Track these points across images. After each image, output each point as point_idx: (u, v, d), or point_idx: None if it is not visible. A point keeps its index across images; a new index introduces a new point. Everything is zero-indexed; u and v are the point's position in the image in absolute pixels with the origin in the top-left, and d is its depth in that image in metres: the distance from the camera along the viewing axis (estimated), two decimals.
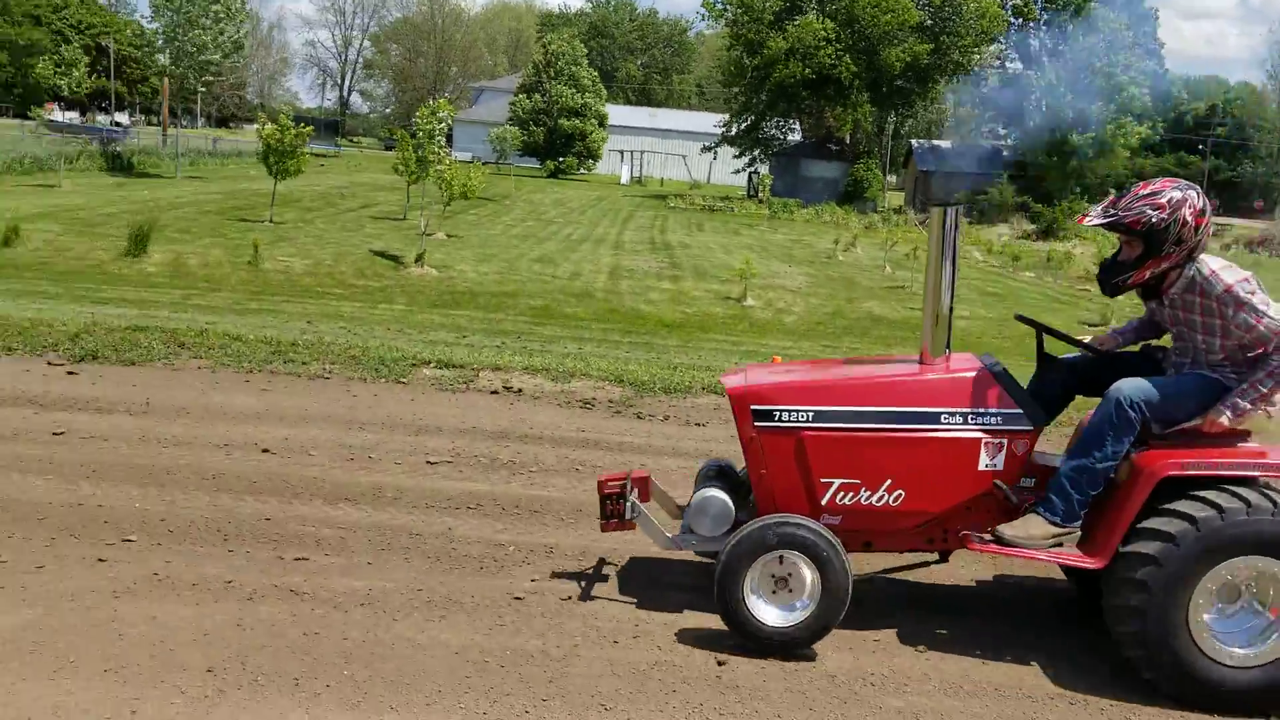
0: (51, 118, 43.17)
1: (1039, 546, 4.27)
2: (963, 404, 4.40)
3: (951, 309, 4.60)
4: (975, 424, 4.38)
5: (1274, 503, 3.97)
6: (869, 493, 4.43)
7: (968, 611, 4.87)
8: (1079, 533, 4.31)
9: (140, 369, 8.15)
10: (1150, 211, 4.19)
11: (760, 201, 46.93)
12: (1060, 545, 4.28)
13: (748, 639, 4.25)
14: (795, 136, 55.63)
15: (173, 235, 22.50)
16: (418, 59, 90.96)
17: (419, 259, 21.92)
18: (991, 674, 4.21)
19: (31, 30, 68.42)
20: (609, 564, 5.12)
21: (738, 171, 56.53)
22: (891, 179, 66.55)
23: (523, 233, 29.72)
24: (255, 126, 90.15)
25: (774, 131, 54.13)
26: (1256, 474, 4.09)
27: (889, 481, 4.42)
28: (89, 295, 15.45)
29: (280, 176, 25.07)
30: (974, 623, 4.71)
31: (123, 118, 70.91)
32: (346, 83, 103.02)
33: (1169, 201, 4.19)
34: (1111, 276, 4.38)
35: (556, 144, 59.65)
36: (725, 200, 47.26)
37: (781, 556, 4.23)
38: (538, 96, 59.67)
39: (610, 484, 4.76)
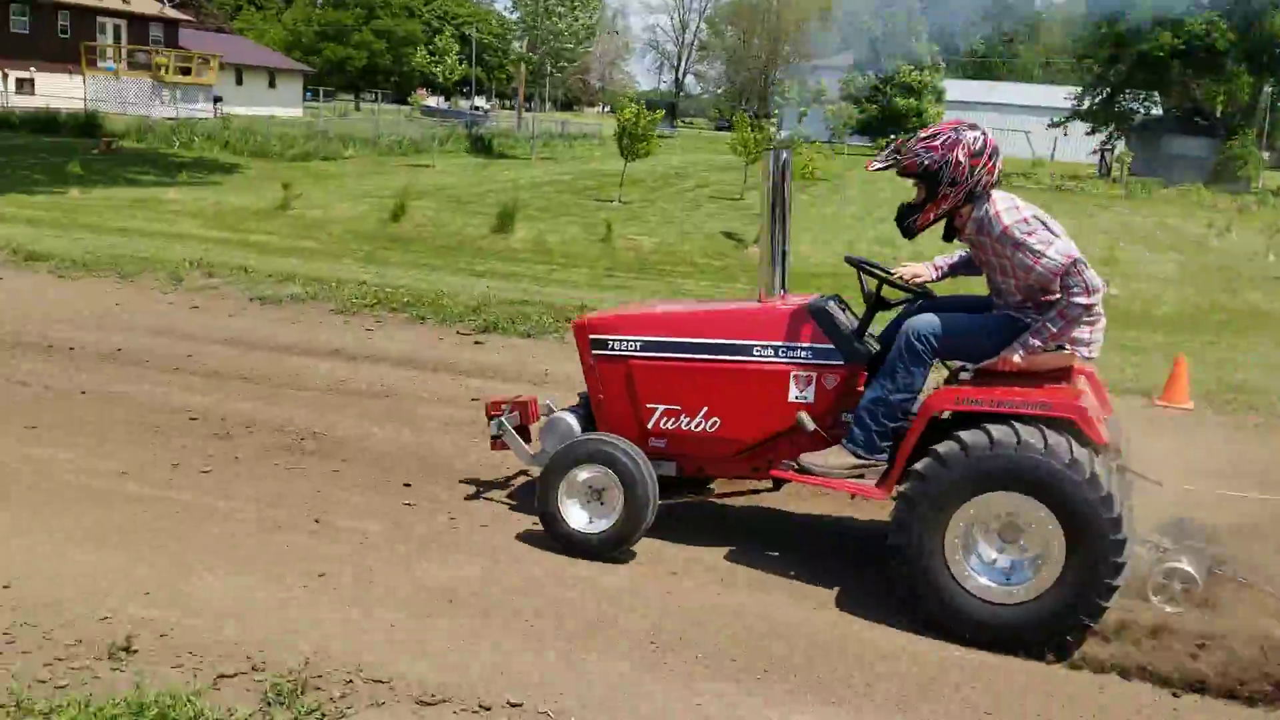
0: (426, 103, 47.20)
1: (837, 476, 4.58)
2: (775, 338, 4.63)
3: (785, 251, 4.81)
4: (785, 357, 4.62)
5: (1025, 439, 3.94)
6: (688, 419, 4.77)
7: None
8: (885, 465, 4.40)
9: (534, 341, 8.74)
10: (924, 154, 4.33)
11: (1115, 181, 43.55)
12: (862, 476, 4.51)
13: (558, 540, 4.72)
14: (1156, 110, 51.15)
15: (533, 213, 23.95)
16: (751, 39, 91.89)
17: (758, 239, 22.11)
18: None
19: (407, 22, 75.42)
20: None
21: (1096, 150, 52.64)
22: (1265, 156, 59.69)
23: (858, 212, 29.25)
24: (596, 109, 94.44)
25: (1133, 105, 50.04)
26: (1028, 412, 4.04)
27: (705, 409, 4.73)
28: (466, 268, 16.74)
29: (630, 158, 26.07)
30: None
31: (480, 102, 76.62)
32: (682, 65, 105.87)
33: (942, 144, 4.32)
34: (904, 219, 4.48)
35: (889, 121, 58.29)
36: (1074, 180, 44.23)
37: (596, 470, 4.64)
38: (871, 74, 58.51)
39: (495, 406, 5.24)
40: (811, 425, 4.48)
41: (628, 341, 4.86)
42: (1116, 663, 3.92)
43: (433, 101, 56.34)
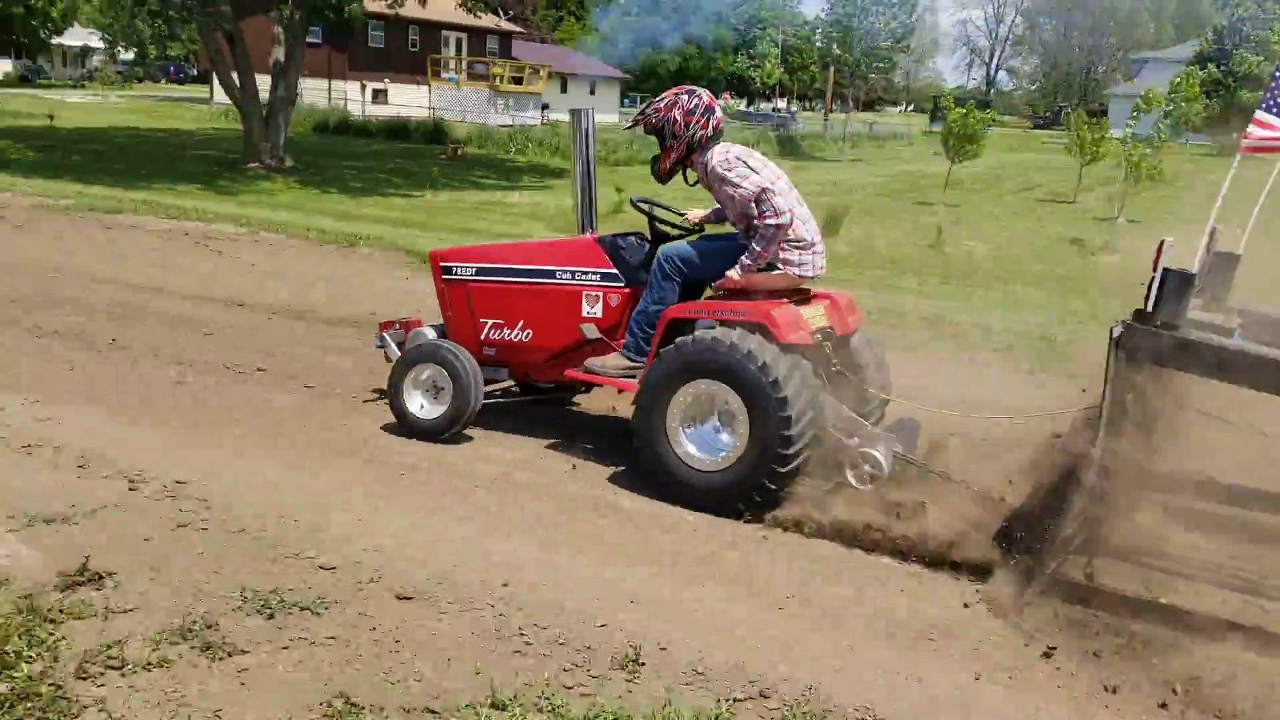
0: (741, 108, 47.82)
1: (610, 374, 5.47)
2: (572, 264, 5.77)
3: (592, 196, 5.93)
4: (579, 280, 5.76)
5: (719, 338, 4.92)
6: (509, 331, 5.96)
7: None
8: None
9: (911, 354, 8.52)
10: (652, 114, 5.36)
11: None
12: (633, 376, 5.36)
13: (404, 425, 5.94)
14: None
15: (853, 217, 23.59)
16: (1071, 32, 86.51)
17: (1105, 245, 20.75)
18: None
19: (716, 27, 76.68)
20: None
21: None
22: None
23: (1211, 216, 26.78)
24: (899, 109, 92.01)
25: None
26: (729, 318, 5.04)
27: (521, 322, 5.92)
28: None
29: (960, 159, 25.16)
30: None
31: (781, 104, 76.69)
32: (994, 61, 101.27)
33: (664, 105, 5.33)
34: (653, 166, 5.48)
35: (1231, 117, 53.23)
36: None
37: (432, 368, 5.85)
38: (1213, 66, 53.61)
39: (386, 325, 6.38)
40: (594, 334, 5.63)
41: (467, 268, 6.08)
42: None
43: (741, 105, 56.97)
